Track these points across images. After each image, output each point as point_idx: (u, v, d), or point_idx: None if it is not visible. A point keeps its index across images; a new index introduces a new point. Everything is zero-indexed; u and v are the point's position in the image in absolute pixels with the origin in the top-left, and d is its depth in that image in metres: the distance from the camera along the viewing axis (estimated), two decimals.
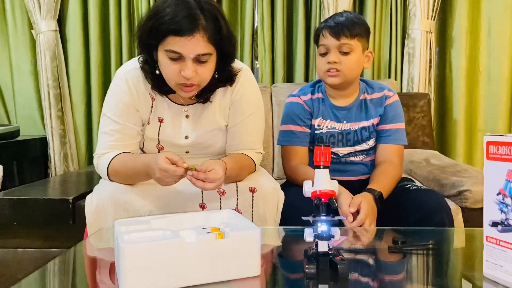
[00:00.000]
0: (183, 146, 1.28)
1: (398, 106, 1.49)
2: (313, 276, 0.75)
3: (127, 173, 1.18)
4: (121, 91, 1.22)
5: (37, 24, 2.36)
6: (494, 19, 2.43)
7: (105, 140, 1.22)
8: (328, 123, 1.47)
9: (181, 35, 1.06)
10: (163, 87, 1.21)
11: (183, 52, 1.08)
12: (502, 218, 0.70)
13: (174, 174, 1.04)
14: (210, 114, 1.28)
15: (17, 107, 2.52)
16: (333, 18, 1.39)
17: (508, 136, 0.69)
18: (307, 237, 0.80)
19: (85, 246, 1.01)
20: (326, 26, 1.38)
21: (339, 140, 1.47)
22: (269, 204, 1.21)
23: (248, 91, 1.29)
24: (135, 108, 1.23)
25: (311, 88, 1.52)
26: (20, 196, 1.57)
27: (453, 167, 1.82)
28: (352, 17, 1.38)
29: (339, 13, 1.43)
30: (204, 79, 1.15)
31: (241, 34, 2.47)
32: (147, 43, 1.14)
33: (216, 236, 0.72)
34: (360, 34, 1.38)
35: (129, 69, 1.24)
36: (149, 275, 0.68)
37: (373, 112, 1.47)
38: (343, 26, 1.35)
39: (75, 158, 2.50)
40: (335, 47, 1.36)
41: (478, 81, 2.45)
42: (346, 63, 1.37)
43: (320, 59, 1.41)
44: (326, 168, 0.84)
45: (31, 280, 0.78)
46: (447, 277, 0.84)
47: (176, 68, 1.11)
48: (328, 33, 1.36)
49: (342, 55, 1.37)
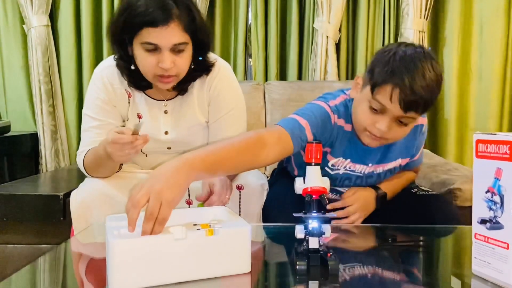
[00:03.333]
0: (164, 142, 1.28)
1: (427, 130, 1.24)
2: (303, 272, 0.75)
3: (96, 162, 1.18)
4: (97, 88, 1.23)
5: (28, 19, 2.34)
6: (486, 19, 2.45)
7: (86, 137, 1.23)
8: (348, 163, 1.19)
9: (155, 26, 1.06)
10: (140, 82, 1.20)
11: (159, 43, 1.08)
12: (491, 215, 0.71)
13: (123, 141, 1.01)
14: (189, 110, 1.27)
15: (7, 102, 2.50)
16: (411, 82, 0.95)
17: (497, 134, 0.70)
18: (298, 234, 0.80)
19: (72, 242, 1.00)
20: (400, 88, 0.96)
21: (355, 184, 1.23)
22: (257, 201, 1.22)
23: (226, 87, 1.28)
24: (112, 104, 1.23)
25: (345, 110, 1.14)
26: (10, 192, 1.56)
27: (444, 165, 1.84)
28: (433, 85, 0.98)
29: (419, 72, 0.96)
30: (182, 69, 1.15)
31: (235, 31, 2.47)
32: (121, 38, 1.13)
33: (206, 232, 0.71)
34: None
35: (104, 67, 1.25)
36: (138, 271, 0.68)
37: (403, 149, 1.20)
38: (419, 102, 0.97)
39: (66, 154, 2.49)
40: (396, 116, 1.01)
41: (470, 81, 2.47)
42: (396, 133, 1.05)
43: (368, 114, 1.04)
44: (318, 165, 0.84)
45: (20, 276, 0.77)
46: (436, 274, 0.84)
47: (153, 60, 1.10)
48: (398, 102, 0.97)
49: (397, 125, 1.04)
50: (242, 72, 2.48)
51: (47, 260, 0.86)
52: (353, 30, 2.51)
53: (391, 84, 0.97)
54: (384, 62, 0.98)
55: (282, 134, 1.04)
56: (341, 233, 1.07)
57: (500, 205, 0.69)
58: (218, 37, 2.46)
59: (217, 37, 2.45)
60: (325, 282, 0.74)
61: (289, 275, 0.80)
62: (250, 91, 2.19)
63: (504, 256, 0.69)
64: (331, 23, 2.36)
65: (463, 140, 2.49)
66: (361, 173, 1.20)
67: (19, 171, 2.30)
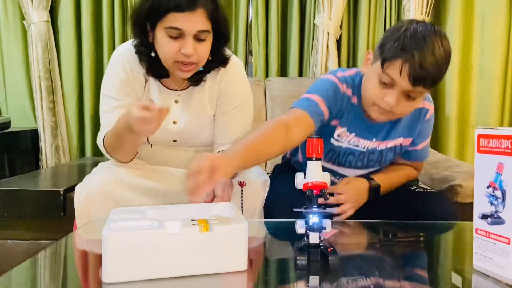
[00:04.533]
0: (171, 131, 1.28)
1: (433, 120, 1.25)
2: (304, 267, 0.75)
3: (117, 139, 1.16)
4: (118, 69, 1.23)
5: (28, 14, 2.34)
6: (487, 15, 2.44)
7: (108, 117, 1.23)
8: (352, 138, 1.20)
9: (182, 11, 1.08)
10: (158, 70, 1.21)
11: (185, 28, 1.09)
12: (492, 210, 0.71)
13: (151, 119, 1.00)
14: (199, 101, 1.28)
15: (8, 98, 2.50)
16: (420, 58, 0.98)
17: (499, 129, 0.70)
18: (299, 229, 0.80)
19: (74, 238, 1.00)
20: (410, 64, 0.99)
21: (358, 160, 1.23)
22: (258, 197, 1.21)
23: (237, 83, 1.30)
24: (131, 85, 1.24)
25: (353, 82, 1.18)
26: (10, 187, 1.56)
27: (445, 162, 1.84)
28: (442, 61, 1.02)
29: (428, 49, 0.99)
30: (202, 57, 1.17)
31: (235, 28, 2.46)
32: (144, 24, 1.15)
33: (201, 228, 0.71)
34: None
35: (124, 49, 1.26)
36: (131, 264, 0.68)
37: (406, 129, 1.21)
38: (428, 77, 1.01)
39: (67, 150, 2.49)
40: (404, 90, 1.04)
41: (471, 78, 2.46)
42: (404, 108, 1.08)
43: (377, 88, 1.06)
44: (318, 160, 0.84)
45: (20, 271, 0.77)
46: (437, 269, 0.84)
47: (176, 46, 1.12)
48: (407, 76, 1.00)
49: (406, 99, 1.06)
50: None
51: (47, 255, 0.86)
52: (354, 26, 2.50)
53: (401, 59, 1.00)
54: (395, 38, 1.01)
55: (299, 114, 1.10)
56: (340, 228, 1.07)
57: (501, 200, 0.69)
58: None
59: None
60: (325, 278, 0.73)
61: (289, 272, 0.80)
62: (250, 88, 2.18)
63: (505, 251, 0.69)
64: (332, 19, 2.35)
65: (464, 136, 2.48)
66: (364, 149, 1.21)
67: (19, 167, 2.30)
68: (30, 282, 0.76)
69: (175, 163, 1.29)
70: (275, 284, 0.76)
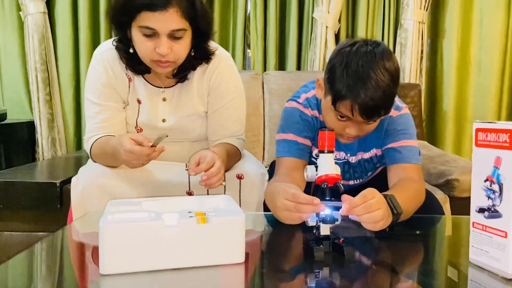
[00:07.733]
0: (161, 129, 1.27)
1: (405, 121, 1.18)
2: (321, 258, 0.76)
3: (104, 158, 1.19)
4: (97, 72, 1.22)
5: (25, 5, 2.31)
6: (486, 11, 2.44)
7: (91, 123, 1.23)
8: None
9: (154, 10, 1.05)
10: (137, 66, 1.19)
11: (157, 28, 1.07)
12: (489, 204, 0.71)
13: (141, 154, 1.02)
14: (188, 99, 1.26)
15: (4, 90, 2.48)
16: (368, 96, 0.97)
17: (497, 123, 0.70)
18: (309, 221, 0.81)
19: (69, 230, 1.00)
20: (358, 103, 0.98)
21: (345, 171, 1.24)
22: (257, 190, 1.21)
23: (227, 77, 1.27)
24: (112, 87, 1.22)
25: (316, 102, 1.18)
26: (7, 179, 1.55)
27: (442, 157, 1.84)
28: (388, 90, 0.99)
29: (373, 83, 0.97)
30: (179, 56, 1.14)
31: (234, 21, 2.45)
32: (120, 21, 1.12)
33: (198, 220, 0.71)
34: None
35: (104, 49, 1.23)
36: (128, 256, 0.68)
37: (373, 140, 1.19)
38: (380, 109, 1.01)
39: (63, 143, 2.48)
40: (361, 123, 1.05)
41: (469, 73, 2.47)
42: (369, 129, 1.09)
43: (337, 122, 1.06)
44: (331, 152, 0.85)
45: (16, 262, 0.77)
46: (433, 263, 0.84)
47: (151, 45, 1.09)
48: (359, 114, 1.00)
49: (367, 124, 1.06)
50: (241, 62, 2.47)
51: (43, 247, 0.86)
52: (352, 20, 2.50)
53: (350, 100, 0.99)
54: (339, 78, 1.00)
55: (287, 162, 1.13)
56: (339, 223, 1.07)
57: (499, 193, 0.69)
58: (217, 27, 2.44)
59: (216, 27, 2.43)
60: (339, 269, 0.75)
61: (285, 265, 0.80)
62: (248, 81, 2.18)
63: (502, 244, 0.69)
64: (331, 13, 2.34)
65: (461, 131, 2.49)
66: (345, 159, 1.22)
67: (16, 159, 2.29)
68: (26, 274, 0.75)
69: (171, 156, 1.29)
70: (272, 276, 0.76)
